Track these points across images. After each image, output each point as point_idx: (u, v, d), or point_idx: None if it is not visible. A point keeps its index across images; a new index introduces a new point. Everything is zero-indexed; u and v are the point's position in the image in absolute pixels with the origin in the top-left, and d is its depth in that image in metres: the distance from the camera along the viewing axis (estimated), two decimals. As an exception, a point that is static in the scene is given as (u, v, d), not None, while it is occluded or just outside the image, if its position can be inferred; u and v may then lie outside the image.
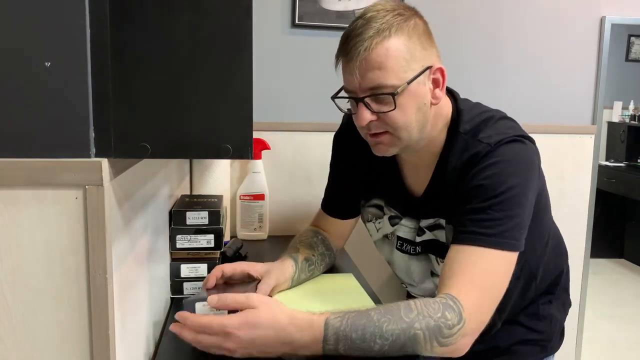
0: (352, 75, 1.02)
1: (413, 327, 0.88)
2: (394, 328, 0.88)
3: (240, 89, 0.67)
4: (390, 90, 1.00)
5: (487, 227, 0.99)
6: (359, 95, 1.04)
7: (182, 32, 0.65)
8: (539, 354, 1.30)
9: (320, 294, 1.23)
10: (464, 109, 1.12)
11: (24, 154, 0.62)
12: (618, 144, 4.63)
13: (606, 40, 1.93)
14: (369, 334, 0.87)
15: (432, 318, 0.89)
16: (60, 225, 0.63)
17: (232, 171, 1.73)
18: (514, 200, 1.01)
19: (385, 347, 0.88)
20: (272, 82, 1.75)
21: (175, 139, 0.67)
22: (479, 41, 1.87)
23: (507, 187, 1.00)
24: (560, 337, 1.35)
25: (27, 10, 0.60)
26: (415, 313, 0.90)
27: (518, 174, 1.02)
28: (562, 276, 1.33)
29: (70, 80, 0.61)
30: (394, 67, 1.00)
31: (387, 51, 0.99)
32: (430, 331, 0.89)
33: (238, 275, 1.12)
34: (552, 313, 1.30)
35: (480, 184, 1.02)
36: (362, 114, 1.04)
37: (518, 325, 1.26)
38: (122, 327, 0.74)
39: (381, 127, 1.05)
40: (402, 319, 0.89)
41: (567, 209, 1.99)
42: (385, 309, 0.91)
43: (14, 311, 0.63)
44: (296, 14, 1.72)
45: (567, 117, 1.96)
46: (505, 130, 1.07)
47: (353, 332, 0.87)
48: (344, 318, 0.89)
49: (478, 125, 1.09)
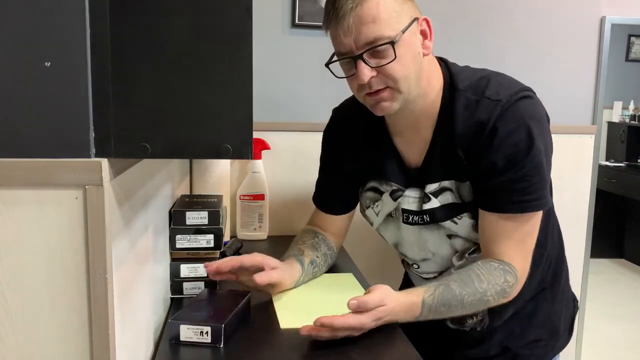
0: (347, 34, 1.02)
1: (486, 295, 1.07)
2: (472, 300, 1.07)
3: (240, 89, 0.67)
4: (388, 41, 1.02)
5: (523, 194, 1.07)
6: (355, 53, 1.03)
7: (182, 32, 0.65)
8: (548, 355, 1.30)
9: (321, 293, 1.23)
10: (457, 70, 1.15)
11: (24, 154, 0.62)
12: (618, 144, 4.63)
13: (606, 40, 1.93)
14: (453, 307, 1.06)
15: (498, 284, 1.08)
16: (60, 225, 0.63)
17: (232, 171, 1.73)
18: (541, 162, 1.07)
19: (464, 312, 1.09)
20: (272, 82, 1.74)
21: (175, 139, 0.67)
22: (479, 41, 1.87)
23: (534, 153, 1.06)
24: (568, 334, 1.34)
25: (27, 10, 0.60)
26: (486, 283, 1.07)
27: (539, 134, 1.07)
28: (564, 265, 1.33)
29: (70, 80, 0.61)
30: (387, 19, 1.01)
31: (377, 4, 1.01)
32: (498, 294, 1.09)
33: (252, 269, 1.13)
34: (559, 309, 1.30)
35: (509, 156, 1.05)
36: (362, 70, 1.03)
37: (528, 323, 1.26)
38: (122, 327, 0.74)
39: (381, 82, 1.05)
40: (477, 291, 1.06)
41: (567, 209, 1.99)
42: (463, 281, 1.07)
43: (14, 311, 0.63)
44: (296, 14, 1.72)
45: (567, 117, 1.96)
46: (508, 84, 1.10)
47: (442, 306, 1.05)
48: (435, 295, 1.05)
49: (477, 82, 1.11)
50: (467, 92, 1.10)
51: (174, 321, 1.00)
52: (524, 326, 1.26)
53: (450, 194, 1.14)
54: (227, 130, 0.67)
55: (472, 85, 1.11)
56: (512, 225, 1.09)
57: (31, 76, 0.61)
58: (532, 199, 1.07)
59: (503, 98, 1.06)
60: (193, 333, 0.98)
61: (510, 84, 1.11)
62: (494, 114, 1.05)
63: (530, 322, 1.26)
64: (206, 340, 0.98)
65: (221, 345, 0.98)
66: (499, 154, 1.05)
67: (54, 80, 0.61)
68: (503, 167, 1.06)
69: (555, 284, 1.29)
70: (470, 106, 1.09)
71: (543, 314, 1.27)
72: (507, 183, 1.06)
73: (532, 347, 1.26)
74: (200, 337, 0.98)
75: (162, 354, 0.97)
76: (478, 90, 1.09)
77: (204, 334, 0.98)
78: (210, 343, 0.98)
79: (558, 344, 1.30)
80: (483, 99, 1.08)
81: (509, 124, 1.05)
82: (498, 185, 1.07)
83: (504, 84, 1.10)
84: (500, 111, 1.05)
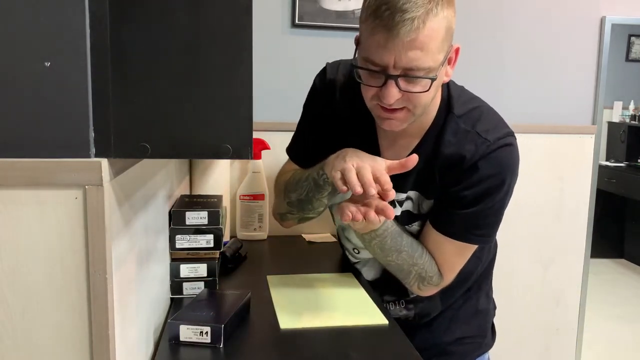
0: (390, 51, 0.94)
1: (413, 267, 1.16)
2: (403, 259, 1.15)
3: (240, 89, 0.66)
4: (425, 73, 0.97)
5: (475, 228, 1.14)
6: (390, 72, 0.97)
7: (182, 32, 0.65)
8: (476, 352, 1.34)
9: (321, 294, 1.23)
10: (455, 93, 1.15)
11: (24, 154, 0.62)
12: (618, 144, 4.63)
13: (606, 40, 1.93)
14: (391, 249, 1.14)
15: (426, 273, 1.17)
16: (60, 225, 0.63)
17: (232, 171, 1.73)
18: (503, 207, 1.14)
19: (390, 261, 1.17)
20: (272, 82, 1.74)
21: (175, 139, 0.66)
22: (479, 41, 1.87)
23: (500, 200, 1.12)
24: (492, 334, 1.38)
25: (27, 10, 0.60)
26: (421, 262, 1.16)
27: (510, 184, 1.12)
28: (492, 271, 1.38)
29: (70, 80, 0.61)
30: (433, 49, 0.95)
31: (432, 32, 0.94)
32: (419, 278, 1.18)
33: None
34: (486, 308, 1.36)
35: (479, 196, 1.10)
36: (391, 92, 0.98)
37: (457, 320, 1.30)
38: (121, 327, 0.74)
39: (402, 104, 1.01)
40: (412, 258, 1.15)
41: (567, 209, 1.99)
42: (412, 244, 1.16)
43: (14, 311, 0.63)
44: (296, 14, 1.72)
45: (567, 117, 1.96)
46: (497, 124, 1.13)
47: (389, 238, 1.13)
48: (393, 226, 1.13)
49: (471, 112, 1.13)
50: (460, 119, 1.11)
51: (173, 321, 1.00)
52: (451, 323, 1.30)
53: (410, 203, 1.18)
54: (227, 130, 0.67)
55: (466, 114, 1.12)
56: (453, 247, 1.16)
57: (31, 76, 0.61)
58: (481, 234, 1.15)
59: (491, 139, 1.09)
60: (193, 333, 0.98)
61: (498, 125, 1.12)
62: (478, 152, 1.08)
63: (457, 319, 1.30)
64: (206, 341, 0.98)
65: (221, 346, 0.98)
66: (471, 191, 1.10)
67: (54, 80, 0.61)
68: (470, 202, 1.11)
69: (483, 285, 1.34)
70: (460, 134, 1.11)
71: (469, 312, 1.32)
72: (466, 216, 1.12)
73: (459, 343, 1.31)
74: (200, 337, 0.98)
75: (162, 354, 0.97)
76: (469, 121, 1.11)
77: (203, 334, 0.98)
78: (210, 343, 0.98)
79: (485, 342, 1.35)
80: (472, 132, 1.10)
81: (490, 168, 1.09)
82: (457, 215, 1.12)
83: (494, 123, 1.12)
84: (485, 151, 1.08)
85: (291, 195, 1.23)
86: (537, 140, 1.93)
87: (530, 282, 2.03)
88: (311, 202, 1.19)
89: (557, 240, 2.01)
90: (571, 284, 2.06)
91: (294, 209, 1.26)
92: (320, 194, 1.16)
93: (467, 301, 1.32)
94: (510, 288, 2.00)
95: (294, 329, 1.06)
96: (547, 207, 1.98)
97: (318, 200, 1.18)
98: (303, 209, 1.23)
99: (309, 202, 1.20)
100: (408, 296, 1.27)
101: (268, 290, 1.24)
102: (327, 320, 1.10)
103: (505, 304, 2.00)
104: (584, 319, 2.08)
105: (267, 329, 1.07)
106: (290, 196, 1.24)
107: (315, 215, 1.26)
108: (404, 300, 1.28)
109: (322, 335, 1.06)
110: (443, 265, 1.18)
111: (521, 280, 2.02)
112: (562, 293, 2.05)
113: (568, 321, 2.08)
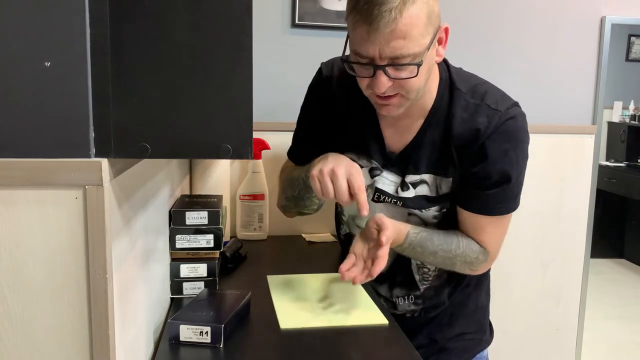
0: (374, 43, 0.98)
1: (456, 258, 1.18)
2: (443, 256, 1.18)
3: (240, 89, 0.67)
4: (411, 59, 1.00)
5: (505, 201, 1.17)
6: (378, 62, 1.01)
7: (182, 32, 0.65)
8: (476, 348, 1.34)
9: (321, 294, 1.23)
10: (454, 70, 1.18)
11: (24, 154, 0.62)
12: (618, 144, 4.63)
13: (606, 40, 1.93)
14: (427, 253, 1.17)
15: (470, 256, 1.19)
16: (60, 225, 0.63)
17: (232, 171, 1.73)
18: (523, 175, 1.18)
19: (431, 262, 1.21)
20: (272, 82, 1.74)
21: (175, 139, 0.67)
22: (479, 41, 1.87)
23: (522, 167, 1.16)
24: (490, 331, 1.39)
25: (27, 10, 0.60)
26: (461, 250, 1.18)
27: (527, 148, 1.16)
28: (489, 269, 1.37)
29: (70, 80, 0.61)
30: (416, 35, 0.98)
31: (411, 19, 0.97)
32: (467, 264, 1.20)
33: None
34: (486, 304, 1.37)
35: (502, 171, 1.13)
36: (381, 81, 1.02)
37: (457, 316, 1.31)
38: (122, 327, 0.74)
39: (394, 90, 1.05)
40: (451, 251, 1.17)
41: (567, 209, 1.99)
42: (444, 238, 1.18)
43: (14, 311, 0.63)
44: (296, 14, 1.72)
45: (567, 117, 1.96)
46: (504, 96, 1.16)
47: (418, 247, 1.16)
48: (418, 234, 1.16)
49: (475, 88, 1.15)
50: (466, 94, 1.14)
51: (173, 321, 1.00)
52: (452, 318, 1.31)
53: (426, 186, 1.19)
54: (227, 130, 0.67)
55: (472, 89, 1.14)
56: (491, 222, 1.19)
57: (31, 76, 0.61)
58: (510, 205, 1.18)
59: (502, 110, 1.12)
60: (193, 333, 0.98)
61: (504, 96, 1.16)
62: (492, 123, 1.11)
63: (458, 315, 1.31)
64: (206, 340, 0.98)
65: (221, 345, 0.98)
66: (494, 169, 1.13)
67: (54, 80, 0.61)
68: (496, 181, 1.14)
69: (483, 282, 1.35)
70: (469, 109, 1.13)
71: (470, 308, 1.33)
72: (496, 194, 1.15)
73: (459, 339, 1.31)
74: (200, 337, 0.98)
75: (162, 354, 0.97)
76: (477, 95, 1.14)
77: (203, 334, 0.98)
78: (210, 343, 0.98)
79: (484, 338, 1.35)
80: (482, 105, 1.12)
81: (506, 140, 1.12)
82: (487, 195, 1.15)
83: (500, 95, 1.16)
84: (498, 122, 1.11)
85: (287, 192, 1.29)
86: (537, 140, 1.92)
87: (530, 282, 2.03)
88: (304, 200, 1.24)
89: (557, 240, 2.01)
90: (571, 284, 2.05)
91: (291, 204, 1.30)
92: (309, 194, 1.20)
93: (468, 297, 1.32)
94: (510, 288, 2.00)
95: (294, 329, 1.06)
96: (547, 207, 1.98)
97: (309, 199, 1.24)
98: (298, 205, 1.28)
99: (302, 200, 1.25)
100: (419, 290, 1.28)
101: (268, 290, 1.24)
102: (327, 320, 1.10)
103: (505, 304, 2.00)
104: (584, 319, 2.08)
105: (267, 329, 1.07)
106: (287, 192, 1.29)
107: (311, 212, 1.30)
108: (414, 296, 1.29)
109: (322, 335, 1.06)
110: (486, 243, 1.19)
111: (521, 280, 2.02)
112: (562, 293, 2.05)
113: (568, 321, 2.08)
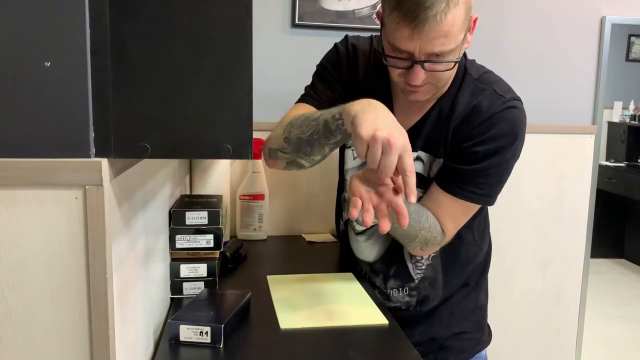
0: (415, 42, 1.00)
1: (420, 232, 1.15)
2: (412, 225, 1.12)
3: (240, 89, 0.67)
4: (451, 56, 1.03)
5: (480, 188, 1.15)
6: (416, 58, 1.03)
7: (182, 32, 0.65)
8: (475, 348, 1.34)
9: (321, 293, 1.23)
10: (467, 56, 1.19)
11: (24, 154, 0.62)
12: (618, 144, 4.63)
13: (606, 40, 1.93)
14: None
15: (432, 235, 1.16)
16: (60, 225, 0.63)
17: (232, 171, 1.73)
18: (509, 168, 1.16)
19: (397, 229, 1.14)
20: (272, 82, 1.74)
21: (175, 139, 0.67)
22: (479, 41, 1.87)
23: (508, 158, 1.14)
24: (489, 331, 1.39)
25: (27, 10, 0.60)
26: (427, 226, 1.15)
27: (519, 147, 1.15)
28: (488, 267, 1.38)
29: (70, 80, 0.62)
30: (456, 33, 1.01)
31: (454, 20, 0.99)
32: (425, 241, 1.17)
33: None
34: (484, 304, 1.37)
35: (489, 153, 1.12)
36: (418, 74, 1.04)
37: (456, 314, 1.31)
38: (121, 327, 0.74)
39: (427, 80, 1.07)
40: (418, 223, 1.13)
41: (567, 209, 1.99)
42: (416, 210, 1.13)
43: (14, 311, 0.63)
44: (296, 14, 1.72)
45: (567, 117, 1.96)
46: (510, 89, 1.17)
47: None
48: None
49: (486, 75, 1.18)
50: (477, 80, 1.17)
51: (173, 321, 1.00)
52: (450, 317, 1.31)
53: (420, 165, 1.20)
54: (227, 130, 0.67)
55: (482, 76, 1.18)
56: (458, 206, 1.17)
57: (31, 76, 0.61)
58: (484, 193, 1.16)
59: (507, 97, 1.14)
60: (193, 333, 0.98)
61: (511, 89, 1.17)
62: (493, 107, 1.12)
63: (456, 314, 1.31)
64: (206, 340, 0.98)
65: (221, 345, 0.98)
66: (482, 147, 1.12)
67: (54, 80, 0.61)
68: (479, 159, 1.12)
69: (480, 281, 1.36)
70: (476, 93, 1.15)
71: (468, 307, 1.33)
72: (473, 172, 1.14)
73: (457, 338, 1.31)
74: (200, 337, 0.98)
75: (162, 354, 0.97)
76: (487, 82, 1.16)
77: (203, 334, 0.98)
78: (210, 343, 0.98)
79: (483, 338, 1.35)
80: (489, 90, 1.15)
81: (503, 126, 1.12)
82: (463, 172, 1.14)
83: (508, 87, 1.18)
84: (499, 107, 1.12)
85: (292, 132, 1.12)
86: (537, 140, 1.93)
87: (530, 282, 2.03)
88: (311, 146, 1.09)
89: (557, 240, 2.01)
90: (571, 284, 2.05)
91: (289, 148, 1.14)
92: (326, 140, 1.05)
93: (467, 296, 1.33)
94: (510, 288, 2.00)
95: (294, 329, 1.06)
96: (547, 207, 1.98)
97: (320, 146, 1.08)
98: (299, 150, 1.12)
99: (309, 145, 1.09)
100: (413, 282, 1.28)
101: (268, 290, 1.24)
102: (327, 320, 1.10)
103: (505, 304, 2.00)
104: (584, 319, 2.08)
105: (267, 329, 1.07)
106: (291, 132, 1.12)
107: (307, 164, 1.15)
108: (408, 287, 1.29)
109: (322, 335, 1.06)
110: (445, 221, 1.18)
111: (521, 280, 2.02)
112: (562, 293, 2.05)
113: (568, 321, 2.08)
